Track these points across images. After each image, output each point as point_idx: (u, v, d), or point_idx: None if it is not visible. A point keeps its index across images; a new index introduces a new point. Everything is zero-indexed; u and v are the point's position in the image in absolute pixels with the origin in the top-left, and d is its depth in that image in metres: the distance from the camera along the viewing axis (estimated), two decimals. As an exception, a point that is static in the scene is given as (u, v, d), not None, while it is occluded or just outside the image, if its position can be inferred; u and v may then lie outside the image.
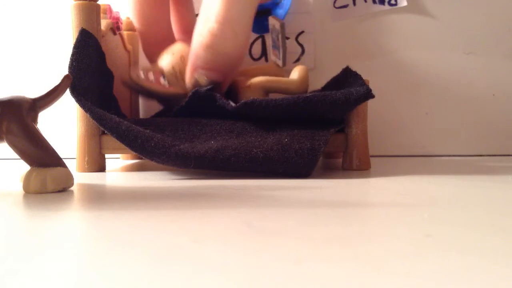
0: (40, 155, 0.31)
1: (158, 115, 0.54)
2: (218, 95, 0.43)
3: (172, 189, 0.32)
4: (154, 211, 0.24)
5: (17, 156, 0.31)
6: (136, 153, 0.38)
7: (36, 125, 0.32)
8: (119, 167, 0.49)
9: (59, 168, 0.31)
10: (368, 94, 0.40)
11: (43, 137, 0.31)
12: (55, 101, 0.33)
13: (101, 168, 0.44)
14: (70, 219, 0.23)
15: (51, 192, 0.30)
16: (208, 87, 0.44)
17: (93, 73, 0.42)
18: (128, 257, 0.16)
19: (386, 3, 0.60)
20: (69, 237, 0.19)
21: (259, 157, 0.37)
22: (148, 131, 0.39)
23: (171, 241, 0.18)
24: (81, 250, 0.18)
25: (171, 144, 0.37)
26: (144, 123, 0.41)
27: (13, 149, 0.30)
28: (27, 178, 0.30)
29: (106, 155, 0.45)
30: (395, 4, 0.60)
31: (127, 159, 0.58)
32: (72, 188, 0.32)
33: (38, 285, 0.13)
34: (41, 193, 0.30)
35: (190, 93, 0.44)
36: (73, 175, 0.32)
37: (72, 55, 0.41)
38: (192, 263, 0.15)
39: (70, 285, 0.14)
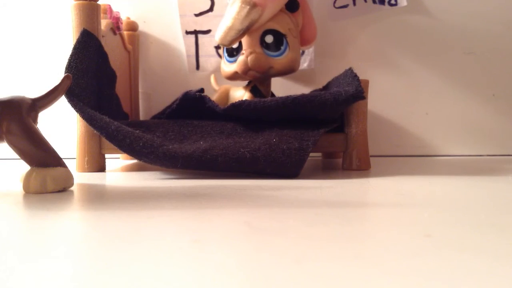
0: (40, 155, 0.31)
1: (154, 117, 0.55)
2: (207, 97, 0.44)
3: (172, 189, 0.32)
4: (154, 211, 0.24)
5: (17, 156, 0.31)
6: (125, 153, 0.38)
7: (36, 125, 0.32)
8: (119, 167, 0.49)
9: (59, 168, 0.31)
10: (357, 95, 0.39)
11: (43, 137, 0.31)
12: (55, 101, 0.33)
13: (101, 168, 0.44)
14: (70, 219, 0.23)
15: (51, 192, 0.30)
16: (199, 89, 0.46)
17: (93, 73, 0.42)
18: (128, 257, 0.16)
19: (386, 3, 0.60)
20: (69, 237, 0.19)
21: (246, 157, 0.37)
22: (137, 131, 0.39)
23: (172, 240, 0.18)
24: (81, 250, 0.18)
25: (160, 144, 0.38)
26: (136, 124, 0.42)
27: (13, 149, 0.30)
28: (27, 178, 0.30)
29: (106, 155, 0.45)
30: (395, 4, 0.60)
31: (127, 159, 0.58)
32: (72, 188, 0.32)
33: (38, 285, 0.13)
34: (41, 193, 0.30)
35: (180, 95, 0.45)
36: (73, 175, 0.32)
37: (71, 55, 0.41)
38: (192, 263, 0.15)
39: (71, 284, 0.14)
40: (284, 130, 0.40)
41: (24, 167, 0.32)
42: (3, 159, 0.60)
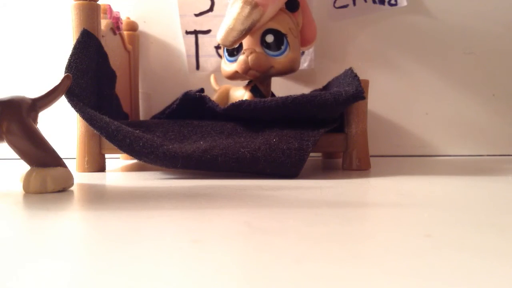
0: (40, 155, 0.31)
1: (154, 117, 0.55)
2: (207, 97, 0.44)
3: (172, 189, 0.32)
4: (154, 211, 0.24)
5: (17, 156, 0.31)
6: (125, 153, 0.38)
7: (36, 125, 0.32)
8: (119, 167, 0.49)
9: (59, 168, 0.31)
10: (357, 95, 0.39)
11: (43, 137, 0.31)
12: (55, 101, 0.33)
13: (101, 168, 0.44)
14: (70, 219, 0.23)
15: (51, 192, 0.30)
16: (199, 89, 0.46)
17: (93, 73, 0.42)
18: (128, 257, 0.16)
19: (386, 3, 0.60)
20: (69, 237, 0.19)
21: (246, 157, 0.37)
22: (137, 131, 0.39)
23: (172, 240, 0.18)
24: (81, 250, 0.18)
25: (160, 144, 0.38)
26: (136, 124, 0.42)
27: (13, 149, 0.30)
28: (27, 178, 0.30)
29: (106, 155, 0.45)
30: (395, 4, 0.60)
31: (127, 159, 0.58)
32: (72, 188, 0.32)
33: (38, 285, 0.13)
34: (41, 193, 0.30)
35: (180, 95, 0.45)
36: (73, 175, 0.32)
37: (71, 55, 0.41)
38: (192, 263, 0.15)
39: (71, 284, 0.14)
40: (284, 130, 0.40)
41: (24, 167, 0.32)
42: (3, 159, 0.60)
